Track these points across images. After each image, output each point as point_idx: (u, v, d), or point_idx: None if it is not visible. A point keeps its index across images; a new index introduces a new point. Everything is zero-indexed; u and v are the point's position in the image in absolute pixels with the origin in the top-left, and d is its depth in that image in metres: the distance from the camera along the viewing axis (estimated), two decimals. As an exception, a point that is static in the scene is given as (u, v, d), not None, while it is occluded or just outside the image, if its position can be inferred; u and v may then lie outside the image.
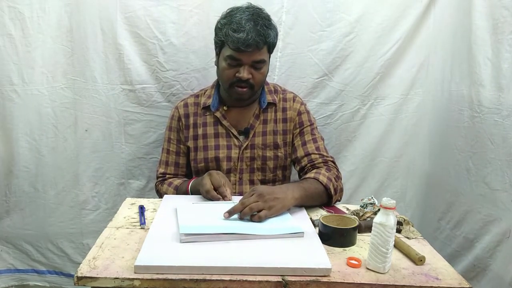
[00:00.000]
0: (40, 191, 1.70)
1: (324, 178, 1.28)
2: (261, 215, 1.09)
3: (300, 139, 1.45)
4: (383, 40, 1.65)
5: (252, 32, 1.27)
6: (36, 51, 1.56)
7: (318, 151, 1.42)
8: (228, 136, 1.45)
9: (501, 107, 1.31)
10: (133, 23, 1.57)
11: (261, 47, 1.31)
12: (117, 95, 1.64)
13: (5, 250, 1.78)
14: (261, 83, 1.41)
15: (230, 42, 1.29)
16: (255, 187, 1.17)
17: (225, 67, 1.36)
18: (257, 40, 1.28)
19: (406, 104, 1.74)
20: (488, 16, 1.36)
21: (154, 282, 0.87)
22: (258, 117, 1.46)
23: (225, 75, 1.37)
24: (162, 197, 1.37)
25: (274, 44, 1.39)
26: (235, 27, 1.29)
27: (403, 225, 1.17)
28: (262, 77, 1.38)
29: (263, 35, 1.29)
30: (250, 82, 1.35)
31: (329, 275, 0.90)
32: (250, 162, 1.45)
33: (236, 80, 1.35)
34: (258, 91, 1.45)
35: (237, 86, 1.36)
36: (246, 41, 1.27)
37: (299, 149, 1.44)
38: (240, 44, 1.27)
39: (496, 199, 1.33)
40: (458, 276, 0.94)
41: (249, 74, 1.34)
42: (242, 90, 1.36)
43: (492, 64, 1.34)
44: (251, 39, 1.27)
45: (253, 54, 1.31)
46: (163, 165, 1.51)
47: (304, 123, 1.47)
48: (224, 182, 1.27)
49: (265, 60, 1.36)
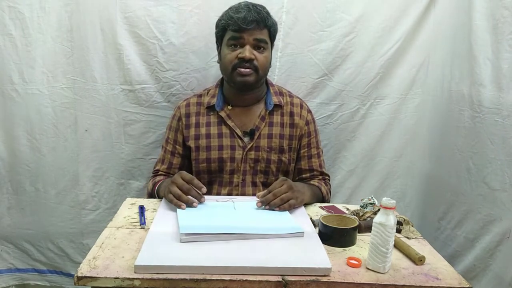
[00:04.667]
0: (41, 190, 1.70)
1: (324, 190, 1.46)
2: (291, 204, 1.21)
3: (306, 151, 1.50)
4: (383, 40, 1.65)
5: (251, 11, 1.33)
6: (36, 51, 1.56)
7: (321, 168, 1.52)
8: (232, 137, 1.44)
9: (501, 107, 1.31)
10: (133, 23, 1.57)
11: (261, 27, 1.35)
12: (117, 95, 1.64)
13: (5, 250, 1.77)
14: (265, 68, 1.40)
15: (231, 24, 1.33)
16: (283, 178, 1.26)
17: (227, 52, 1.37)
18: (257, 17, 1.33)
19: (406, 104, 1.74)
20: (488, 16, 1.36)
21: (154, 282, 0.87)
22: (264, 119, 1.45)
23: (228, 59, 1.37)
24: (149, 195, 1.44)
25: (275, 32, 1.42)
26: (234, 10, 1.35)
27: (403, 225, 1.17)
28: (265, 60, 1.38)
29: (263, 16, 1.34)
30: (254, 63, 1.35)
31: (329, 275, 0.91)
32: (253, 164, 1.44)
33: (239, 62, 1.35)
34: (261, 89, 1.46)
35: (240, 67, 1.35)
36: (246, 18, 1.31)
37: (304, 161, 1.50)
38: (240, 21, 1.31)
39: (496, 199, 1.33)
40: (458, 276, 0.95)
41: (252, 54, 1.35)
42: (245, 71, 1.35)
43: (492, 64, 1.34)
44: (251, 16, 1.32)
45: (254, 32, 1.34)
46: (159, 162, 1.52)
47: (311, 133, 1.51)
48: (190, 180, 1.23)
49: (267, 42, 1.38)
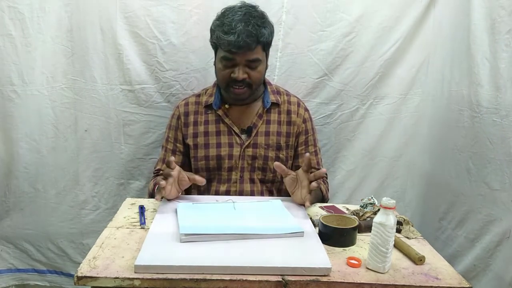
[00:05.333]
0: (40, 191, 1.70)
1: (324, 189, 1.46)
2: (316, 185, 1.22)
3: (304, 149, 1.51)
4: (383, 40, 1.65)
5: (242, 33, 1.28)
6: (36, 51, 1.56)
7: (318, 166, 1.53)
8: (230, 134, 1.45)
9: (499, 107, 1.31)
10: (133, 23, 1.57)
11: (253, 47, 1.31)
12: (117, 95, 1.64)
13: (5, 250, 1.77)
14: (259, 81, 1.41)
15: (221, 45, 1.31)
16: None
17: (220, 68, 1.37)
18: (247, 42, 1.29)
19: (406, 104, 1.74)
20: (486, 16, 1.36)
21: (154, 282, 0.87)
22: (261, 117, 1.46)
23: (221, 76, 1.38)
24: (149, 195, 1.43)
25: (269, 42, 1.39)
26: (226, 29, 1.30)
27: (403, 225, 1.17)
28: (259, 75, 1.38)
29: (254, 35, 1.30)
30: (247, 81, 1.36)
31: (329, 275, 0.91)
32: (251, 161, 1.45)
33: (232, 81, 1.35)
34: (259, 89, 1.46)
35: (233, 87, 1.37)
36: (237, 43, 1.28)
37: (302, 159, 1.49)
38: (231, 46, 1.29)
39: (496, 199, 1.33)
40: (458, 276, 0.95)
41: (245, 74, 1.35)
42: (238, 91, 1.37)
43: (490, 64, 1.34)
44: (242, 41, 1.28)
45: (246, 54, 1.32)
46: (160, 162, 1.52)
47: (308, 131, 1.51)
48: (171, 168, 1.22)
49: (260, 59, 1.36)
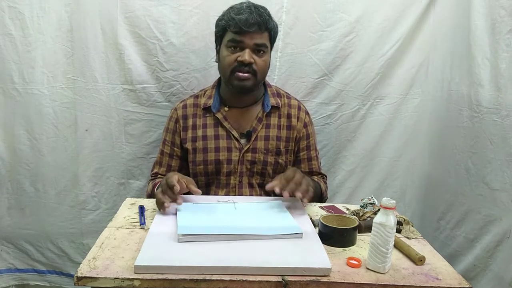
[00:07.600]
0: (40, 190, 1.70)
1: (323, 187, 1.49)
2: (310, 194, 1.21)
3: (306, 154, 1.50)
4: (383, 40, 1.65)
5: (253, 14, 1.30)
6: (36, 51, 1.56)
7: (319, 170, 1.54)
8: (228, 138, 1.43)
9: (499, 107, 1.31)
10: (133, 23, 1.57)
11: (262, 30, 1.33)
12: (118, 95, 1.64)
13: (5, 250, 1.77)
14: (264, 72, 1.39)
15: (232, 25, 1.31)
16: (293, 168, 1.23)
17: (226, 54, 1.35)
18: (258, 20, 1.30)
19: (406, 104, 1.74)
20: (486, 16, 1.36)
21: (154, 282, 0.87)
22: (261, 121, 1.44)
23: (226, 61, 1.34)
24: (148, 196, 1.42)
25: (275, 35, 1.40)
26: (236, 11, 1.32)
27: (403, 225, 1.17)
28: (264, 64, 1.37)
29: (264, 19, 1.32)
30: (253, 67, 1.34)
31: (329, 275, 0.91)
32: (250, 166, 1.43)
33: (238, 65, 1.33)
34: (259, 91, 1.45)
35: (238, 71, 1.34)
36: (248, 21, 1.29)
37: (304, 164, 1.51)
38: (242, 23, 1.29)
39: (496, 199, 1.33)
40: (458, 276, 0.95)
41: (251, 58, 1.33)
42: (243, 75, 1.34)
43: (491, 64, 1.34)
44: (253, 18, 1.30)
45: (255, 36, 1.32)
46: (157, 165, 1.51)
47: (310, 135, 1.51)
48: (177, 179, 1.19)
49: (267, 46, 1.36)
